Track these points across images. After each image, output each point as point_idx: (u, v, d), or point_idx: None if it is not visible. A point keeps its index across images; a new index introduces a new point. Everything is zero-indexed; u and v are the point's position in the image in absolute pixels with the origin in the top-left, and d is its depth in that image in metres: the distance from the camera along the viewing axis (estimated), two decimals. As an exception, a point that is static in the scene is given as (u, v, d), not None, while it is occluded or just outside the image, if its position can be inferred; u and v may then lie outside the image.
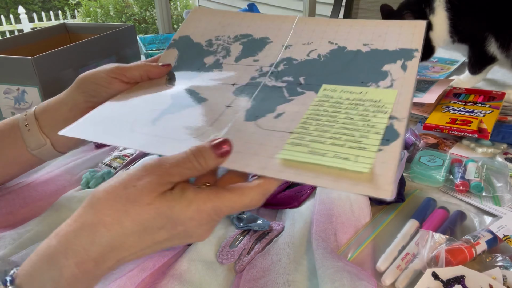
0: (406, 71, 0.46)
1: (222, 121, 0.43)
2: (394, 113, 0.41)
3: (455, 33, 0.82)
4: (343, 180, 0.34)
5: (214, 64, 0.53)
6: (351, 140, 0.38)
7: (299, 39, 0.55)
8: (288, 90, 0.47)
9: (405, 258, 0.42)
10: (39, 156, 0.50)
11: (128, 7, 5.15)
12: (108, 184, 0.33)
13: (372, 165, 0.35)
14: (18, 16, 4.86)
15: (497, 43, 0.79)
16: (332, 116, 0.41)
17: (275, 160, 0.36)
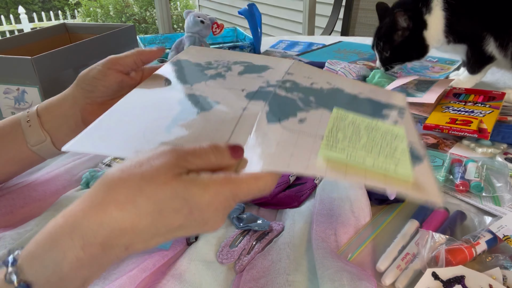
0: (403, 119, 0.47)
1: (244, 124, 0.41)
2: (410, 141, 0.41)
3: (450, 33, 0.82)
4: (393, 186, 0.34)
5: (217, 75, 0.52)
6: (383, 154, 0.37)
7: (299, 72, 0.55)
8: (302, 102, 0.46)
9: (405, 258, 0.42)
10: (38, 153, 0.51)
11: (128, 7, 5.15)
12: (123, 163, 0.31)
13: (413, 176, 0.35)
14: (18, 16, 4.87)
15: (496, 42, 0.79)
16: (355, 132, 0.40)
17: (316, 160, 0.35)
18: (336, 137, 0.39)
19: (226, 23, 3.67)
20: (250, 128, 0.40)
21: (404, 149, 0.39)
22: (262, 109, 0.43)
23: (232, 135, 0.40)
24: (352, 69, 0.83)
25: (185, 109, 0.45)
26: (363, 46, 1.19)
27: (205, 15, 1.00)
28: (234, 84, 0.49)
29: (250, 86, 0.49)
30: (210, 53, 0.59)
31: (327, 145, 0.37)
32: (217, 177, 0.31)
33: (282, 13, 3.35)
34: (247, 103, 0.45)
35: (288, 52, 1.14)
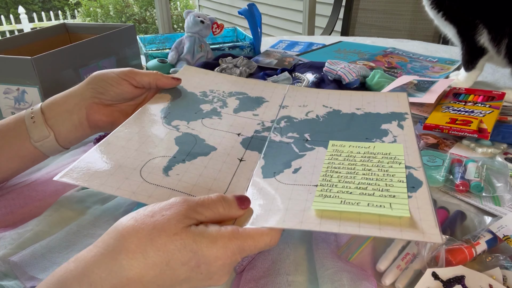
0: (404, 129, 0.48)
1: (240, 177, 0.42)
2: (408, 164, 0.41)
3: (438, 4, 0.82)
4: (388, 228, 0.33)
5: (212, 111, 0.53)
6: (378, 190, 0.37)
7: (294, 102, 0.56)
8: (296, 146, 0.46)
9: (405, 258, 0.42)
10: (41, 149, 0.51)
11: (128, 7, 5.15)
12: (136, 213, 0.32)
13: (409, 211, 0.34)
14: (18, 16, 4.87)
15: (489, 35, 0.79)
16: (350, 169, 0.41)
17: (310, 212, 0.36)
18: (330, 181, 0.40)
19: (226, 23, 3.67)
20: (246, 182, 0.42)
21: (401, 177, 0.39)
22: (258, 161, 0.45)
23: (229, 187, 0.41)
24: (352, 69, 0.83)
25: (182, 150, 0.45)
26: (363, 46, 1.19)
27: (205, 15, 1.00)
28: (230, 126, 0.50)
29: (245, 130, 0.50)
30: (205, 79, 0.60)
31: (320, 195, 0.38)
32: (225, 230, 0.32)
33: (282, 13, 3.35)
34: (243, 153, 0.46)
35: (288, 52, 1.14)
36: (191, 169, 0.43)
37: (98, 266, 0.29)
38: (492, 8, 0.77)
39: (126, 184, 0.40)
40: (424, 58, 1.08)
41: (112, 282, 0.29)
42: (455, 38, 0.86)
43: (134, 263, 0.29)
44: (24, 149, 0.51)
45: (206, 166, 0.43)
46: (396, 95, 0.56)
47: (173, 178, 0.41)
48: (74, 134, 0.53)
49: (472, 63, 0.86)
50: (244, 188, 0.41)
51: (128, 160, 0.43)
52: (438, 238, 0.32)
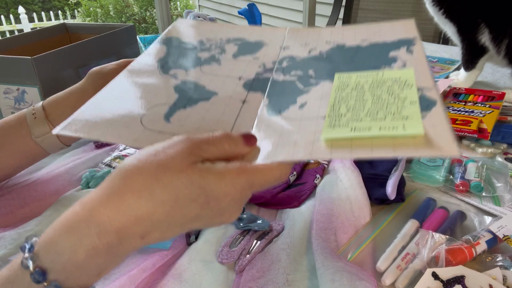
0: (413, 54, 0.45)
1: (244, 117, 0.40)
2: (420, 84, 0.39)
3: None
4: (402, 148, 0.32)
5: (211, 58, 0.50)
6: (390, 113, 0.35)
7: (295, 42, 0.53)
8: (301, 82, 0.44)
9: (405, 258, 0.42)
10: (42, 145, 0.51)
11: (128, 7, 5.15)
12: (139, 153, 0.31)
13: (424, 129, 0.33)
14: (18, 16, 4.87)
15: (490, 35, 0.79)
16: (359, 98, 0.39)
17: (319, 143, 0.34)
18: (338, 112, 0.37)
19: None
20: (251, 121, 0.40)
21: (414, 99, 0.37)
22: (261, 101, 0.42)
23: (234, 127, 0.39)
24: (352, 69, 0.83)
25: (183, 97, 0.43)
26: (363, 46, 1.18)
27: (205, 15, 1.00)
28: (230, 71, 0.48)
29: (246, 73, 0.47)
30: (201, 29, 0.57)
31: (329, 125, 0.36)
32: (232, 166, 0.31)
33: (282, 13, 3.35)
34: (245, 95, 0.44)
35: (288, 52, 1.14)
36: (193, 114, 0.41)
37: (104, 206, 0.29)
38: (494, 7, 0.77)
39: (127, 132, 0.38)
40: (424, 58, 1.08)
41: (120, 221, 0.28)
42: (454, 36, 0.86)
43: (142, 201, 0.29)
44: (25, 145, 0.51)
45: (208, 110, 0.42)
46: (403, 22, 0.53)
47: (174, 124, 0.40)
48: None
49: (472, 63, 0.86)
50: (249, 127, 0.39)
51: (128, 109, 0.41)
52: (455, 151, 0.30)
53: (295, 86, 0.44)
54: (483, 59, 0.85)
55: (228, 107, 0.42)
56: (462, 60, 0.88)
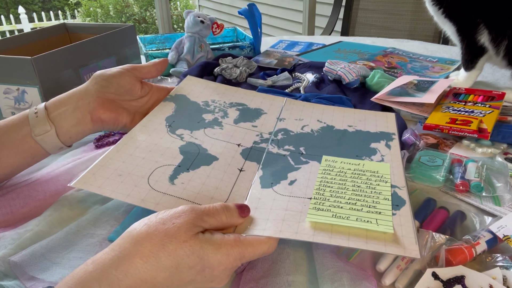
0: (391, 149, 0.52)
1: (240, 186, 0.46)
2: (394, 183, 0.45)
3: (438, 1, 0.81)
4: (373, 242, 0.37)
5: (214, 121, 0.57)
6: (366, 206, 0.42)
7: (290, 115, 0.60)
8: (292, 159, 0.51)
9: (405, 258, 0.42)
10: (42, 143, 0.52)
11: (128, 7, 5.15)
12: (148, 220, 0.35)
13: (393, 227, 0.38)
14: (18, 16, 4.86)
15: (489, 36, 0.79)
16: (341, 184, 0.45)
17: (304, 224, 0.39)
18: (323, 195, 0.43)
19: (226, 23, 3.67)
20: (246, 191, 0.45)
21: (387, 196, 0.43)
22: (256, 172, 0.48)
23: (230, 196, 0.44)
24: (352, 69, 0.83)
25: (187, 159, 0.49)
26: (363, 46, 1.19)
27: (205, 15, 1.00)
28: (230, 137, 0.54)
29: (245, 141, 0.53)
30: (207, 89, 0.64)
31: (314, 208, 0.41)
32: (228, 238, 0.36)
33: (282, 13, 3.35)
34: (243, 163, 0.49)
35: (288, 52, 1.14)
36: (194, 178, 0.46)
37: (115, 268, 0.32)
38: (494, 7, 0.77)
39: (135, 191, 0.43)
40: (424, 58, 1.08)
41: (128, 283, 0.32)
42: (454, 36, 0.86)
43: (148, 266, 0.33)
44: (25, 144, 0.51)
45: (209, 175, 0.46)
46: (385, 115, 0.61)
47: (178, 186, 0.44)
48: (76, 128, 0.53)
49: (472, 63, 0.86)
50: (243, 197, 0.44)
51: (137, 168, 0.46)
52: (417, 254, 0.36)
53: (287, 161, 0.50)
54: (482, 59, 0.85)
55: (227, 174, 0.47)
56: (462, 60, 0.88)
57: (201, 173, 0.46)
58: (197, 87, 0.64)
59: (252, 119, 0.58)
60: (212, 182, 0.45)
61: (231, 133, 0.55)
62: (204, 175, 0.46)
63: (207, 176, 0.46)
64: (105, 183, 0.43)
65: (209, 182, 0.45)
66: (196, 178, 0.46)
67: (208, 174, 0.46)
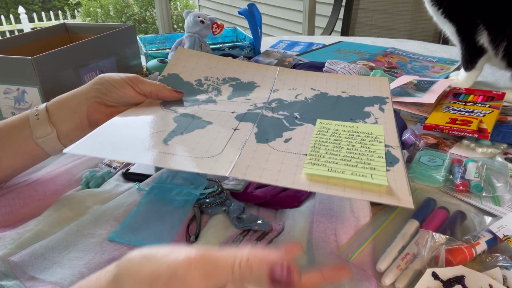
0: (384, 112, 0.53)
1: (235, 140, 0.46)
2: (387, 142, 0.46)
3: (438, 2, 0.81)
4: (368, 193, 0.37)
5: (208, 100, 0.57)
6: (361, 162, 0.42)
7: (284, 85, 0.60)
8: (287, 121, 0.51)
9: (405, 258, 0.42)
10: (43, 146, 0.51)
11: (128, 7, 5.15)
12: None
13: (387, 181, 0.39)
14: (18, 16, 4.86)
15: (488, 37, 0.79)
16: (336, 143, 0.45)
17: (301, 175, 0.40)
18: (318, 152, 0.44)
19: (226, 23, 3.67)
20: (241, 144, 0.45)
21: (381, 154, 0.43)
22: (251, 129, 0.48)
23: (225, 148, 0.44)
24: (352, 69, 0.83)
25: (180, 125, 0.49)
26: (363, 46, 1.19)
27: (205, 15, 1.00)
28: (224, 108, 0.54)
29: (239, 110, 0.53)
30: (199, 64, 0.63)
31: (310, 162, 0.42)
32: None
33: (282, 13, 3.35)
34: (237, 124, 0.49)
35: (288, 52, 1.14)
36: (189, 139, 0.46)
37: None
38: (493, 8, 0.77)
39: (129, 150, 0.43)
40: (424, 58, 1.08)
41: None
42: (453, 36, 0.86)
43: None
44: (26, 146, 0.51)
45: (203, 136, 0.47)
46: (379, 80, 0.61)
47: (172, 146, 0.44)
48: (75, 132, 0.53)
49: (471, 63, 0.86)
50: (238, 149, 0.44)
51: (131, 135, 0.46)
52: (410, 204, 0.36)
53: (282, 123, 0.50)
54: (482, 60, 0.85)
55: (221, 133, 0.47)
56: (461, 60, 0.88)
57: (195, 135, 0.47)
58: (189, 62, 0.63)
59: (246, 93, 0.58)
60: (206, 140, 0.46)
61: (225, 106, 0.55)
62: (198, 136, 0.47)
63: (201, 137, 0.46)
64: (100, 146, 0.43)
65: (203, 141, 0.46)
66: (189, 139, 0.46)
67: (202, 135, 0.47)
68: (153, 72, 0.93)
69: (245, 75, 0.62)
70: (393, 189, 0.38)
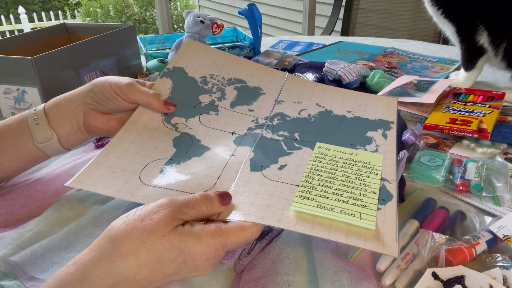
0: (387, 139, 0.51)
1: (229, 170, 0.45)
2: (384, 176, 0.45)
3: None
4: (354, 236, 0.37)
5: (210, 105, 0.55)
6: (352, 198, 0.41)
7: (289, 96, 0.59)
8: (285, 144, 0.50)
9: (405, 258, 0.42)
10: (44, 150, 0.51)
11: (128, 7, 5.15)
12: (127, 217, 0.35)
13: (376, 223, 0.38)
14: (18, 16, 4.87)
15: (488, 37, 0.79)
16: (331, 173, 0.45)
17: (288, 212, 0.39)
18: (311, 183, 0.43)
19: (226, 23, 3.67)
20: (234, 175, 0.45)
21: (375, 189, 0.42)
22: (247, 155, 0.47)
23: (218, 181, 0.44)
24: (352, 69, 0.83)
25: (179, 152, 0.48)
26: (363, 46, 1.19)
27: (205, 15, 1.00)
28: (225, 125, 0.53)
29: (239, 128, 0.52)
30: (207, 59, 0.61)
31: (300, 196, 0.41)
32: (209, 228, 0.36)
33: (282, 13, 3.35)
34: (234, 149, 0.49)
35: (288, 52, 1.14)
36: (185, 168, 0.46)
37: (96, 268, 0.33)
38: (493, 9, 0.77)
39: (126, 187, 0.43)
40: (424, 58, 1.08)
41: (109, 282, 0.33)
42: (453, 36, 0.86)
43: (128, 264, 0.33)
44: (27, 150, 0.51)
45: (199, 164, 0.46)
46: (387, 100, 0.59)
47: (167, 178, 0.44)
48: (75, 137, 0.53)
49: (471, 63, 0.86)
50: (231, 180, 0.44)
51: (130, 163, 0.46)
52: (395, 252, 0.35)
53: (280, 146, 0.50)
54: (482, 60, 0.85)
55: (217, 161, 0.47)
56: (461, 60, 0.88)
57: (192, 164, 0.46)
58: (197, 56, 0.61)
59: (249, 101, 0.57)
60: (201, 170, 0.45)
61: (226, 119, 0.53)
62: (194, 165, 0.46)
63: (197, 166, 0.46)
64: (99, 180, 0.43)
65: (198, 171, 0.45)
66: (186, 169, 0.45)
67: (198, 164, 0.46)
68: (153, 72, 0.93)
69: (252, 78, 0.60)
70: (380, 233, 0.37)
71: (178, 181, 0.44)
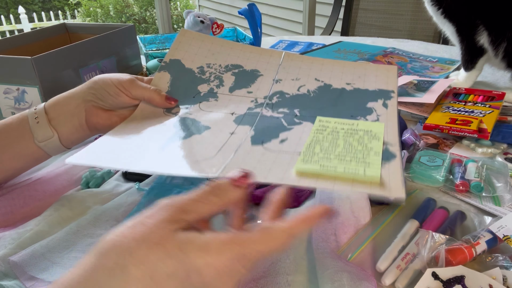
0: (387, 109, 0.51)
1: (229, 145, 0.45)
2: (386, 140, 0.45)
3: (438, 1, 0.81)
4: (359, 186, 0.37)
5: (209, 93, 0.56)
6: (355, 158, 0.41)
7: (287, 74, 0.58)
8: (286, 120, 0.50)
9: (405, 258, 0.42)
10: (45, 149, 0.51)
11: (128, 7, 5.15)
12: (118, 226, 0.29)
13: (381, 175, 0.38)
14: (18, 16, 4.87)
15: (488, 38, 0.79)
16: (332, 142, 0.44)
17: (291, 172, 0.39)
18: (312, 151, 0.43)
19: (226, 23, 3.67)
20: (235, 148, 0.45)
21: (378, 151, 0.42)
22: (248, 133, 0.48)
23: (218, 153, 0.44)
24: (352, 69, 0.83)
25: (179, 132, 0.49)
26: (363, 46, 1.19)
27: (205, 15, 1.00)
28: (225, 107, 0.53)
29: (239, 109, 0.53)
30: (202, 48, 0.61)
31: (302, 160, 0.41)
32: (222, 235, 0.28)
33: (282, 13, 3.35)
34: (235, 127, 0.49)
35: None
36: (185, 145, 0.46)
37: None
38: (493, 9, 0.77)
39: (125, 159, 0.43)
40: (424, 58, 1.08)
41: None
42: (453, 36, 0.86)
43: (115, 281, 0.26)
44: (28, 149, 0.51)
45: (199, 141, 0.46)
46: (387, 69, 0.58)
47: (168, 153, 0.44)
48: (76, 135, 0.53)
49: (471, 63, 0.86)
50: (232, 151, 0.44)
51: (131, 143, 0.46)
52: (402, 195, 0.35)
53: (280, 123, 0.50)
54: (482, 60, 0.85)
55: (217, 138, 0.47)
56: (461, 60, 0.88)
57: (192, 141, 0.46)
58: (192, 46, 0.61)
59: (248, 84, 0.57)
60: (201, 145, 0.45)
61: (226, 103, 0.54)
62: (194, 142, 0.46)
63: (197, 142, 0.46)
64: (99, 155, 0.44)
65: (198, 146, 0.45)
66: (186, 146, 0.45)
67: (198, 140, 0.46)
68: (153, 72, 0.93)
69: (249, 62, 0.60)
70: (385, 182, 0.37)
71: (178, 153, 0.44)
